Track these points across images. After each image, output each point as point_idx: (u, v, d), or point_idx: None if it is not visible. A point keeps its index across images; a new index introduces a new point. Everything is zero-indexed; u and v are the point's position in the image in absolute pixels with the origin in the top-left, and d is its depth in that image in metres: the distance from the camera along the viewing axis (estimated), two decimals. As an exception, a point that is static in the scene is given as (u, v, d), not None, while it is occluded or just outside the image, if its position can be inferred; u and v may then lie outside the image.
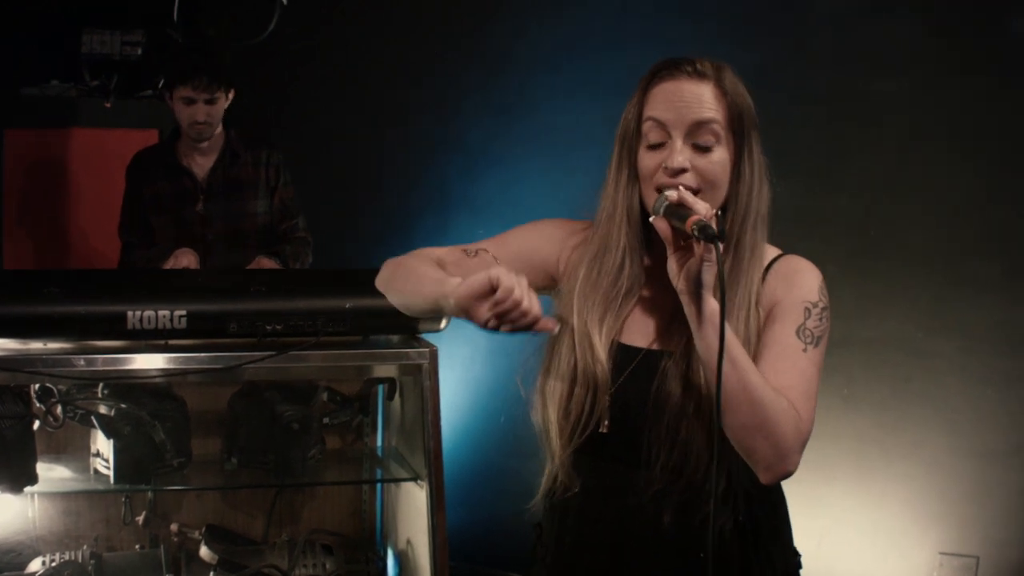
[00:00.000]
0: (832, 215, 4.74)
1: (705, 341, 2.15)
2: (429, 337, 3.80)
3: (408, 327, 3.71)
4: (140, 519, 3.94)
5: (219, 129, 4.82)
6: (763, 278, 2.32)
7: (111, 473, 3.66)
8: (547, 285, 2.54)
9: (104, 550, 3.92)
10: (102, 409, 3.64)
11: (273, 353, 3.46)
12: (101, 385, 3.65)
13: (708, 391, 2.23)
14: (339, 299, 3.58)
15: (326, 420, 4.00)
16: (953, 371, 4.71)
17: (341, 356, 3.66)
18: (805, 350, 2.25)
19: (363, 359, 3.74)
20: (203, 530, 3.95)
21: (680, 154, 2.24)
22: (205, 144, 4.80)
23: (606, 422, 2.34)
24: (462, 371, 5.30)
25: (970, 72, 4.63)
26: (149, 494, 3.91)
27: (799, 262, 2.37)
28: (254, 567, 3.81)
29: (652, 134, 2.29)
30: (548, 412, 2.47)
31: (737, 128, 2.28)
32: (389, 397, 4.10)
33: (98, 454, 3.74)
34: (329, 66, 5.72)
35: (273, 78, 5.66)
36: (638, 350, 2.36)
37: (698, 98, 2.25)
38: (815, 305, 2.29)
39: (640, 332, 2.38)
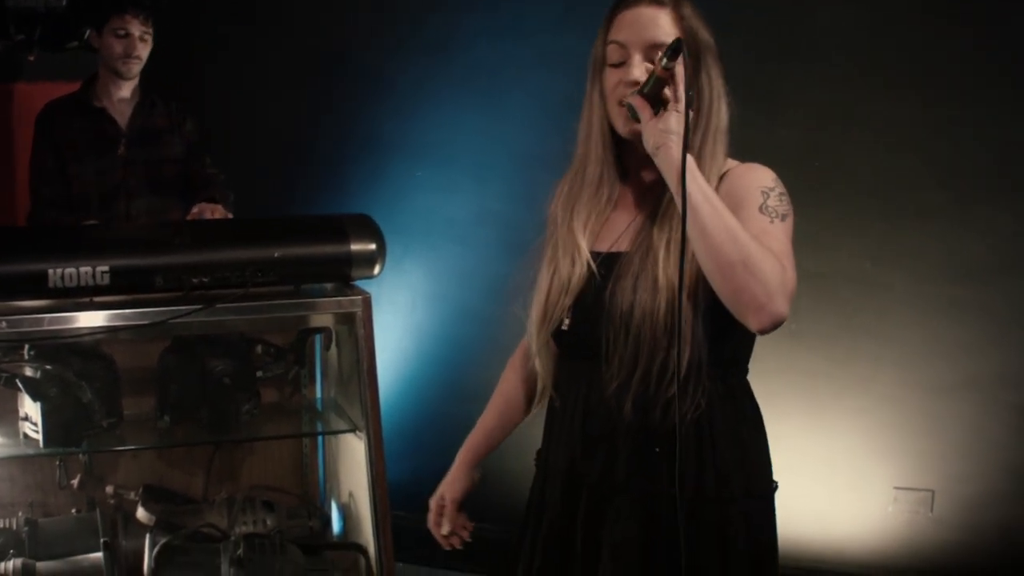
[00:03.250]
0: (777, 147, 4.64)
1: (682, 187, 2.25)
2: (365, 284, 3.71)
3: (341, 275, 3.62)
4: (75, 482, 3.87)
5: (137, 78, 4.85)
6: (719, 183, 2.44)
7: (40, 437, 3.55)
8: None
9: (40, 515, 3.84)
10: (28, 371, 3.55)
11: (201, 307, 3.36)
12: (26, 346, 3.55)
13: (663, 283, 2.39)
14: (268, 248, 3.47)
15: (260, 373, 3.91)
16: (904, 302, 4.70)
17: (272, 307, 3.54)
18: (772, 222, 2.35)
19: (295, 309, 3.63)
20: (140, 491, 3.87)
21: (637, 67, 2.41)
22: (126, 88, 4.82)
23: (567, 320, 2.54)
24: (405, 317, 5.25)
25: (919, 1, 4.58)
26: (83, 456, 3.83)
27: (752, 164, 2.51)
28: (193, 526, 3.72)
29: (614, 55, 2.46)
30: (534, 320, 2.67)
31: (693, 51, 2.41)
32: (326, 347, 4.04)
33: (26, 418, 3.64)
34: (256, 10, 5.63)
35: (199, 25, 5.56)
36: (598, 254, 2.53)
37: (654, 21, 2.42)
38: (772, 189, 2.41)
39: (605, 239, 2.56)
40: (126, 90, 4.83)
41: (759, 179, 2.43)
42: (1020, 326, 4.62)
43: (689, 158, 2.27)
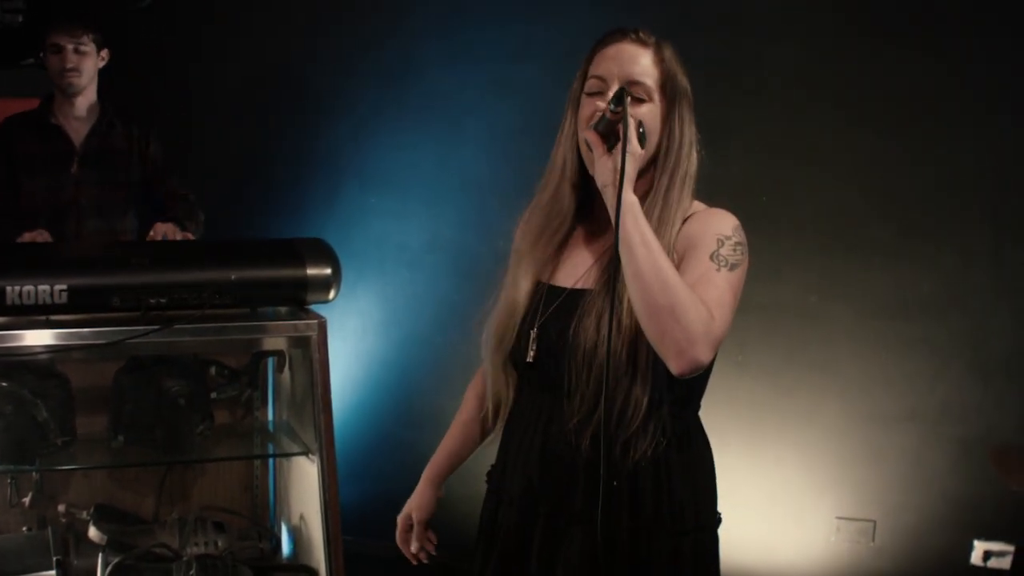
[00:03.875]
0: (726, 180, 4.69)
1: (624, 229, 2.33)
2: (319, 308, 3.74)
3: (296, 299, 3.64)
4: (27, 500, 3.85)
5: (94, 98, 4.86)
6: (683, 224, 2.51)
7: (-7, 454, 3.56)
8: None
9: (-11, 533, 3.82)
10: (-18, 388, 3.55)
11: (157, 328, 3.37)
12: (-19, 363, 3.55)
13: (626, 323, 2.42)
14: (224, 270, 3.49)
15: (214, 395, 3.92)
16: (847, 336, 4.76)
17: (228, 329, 3.57)
18: (719, 270, 2.41)
19: (251, 332, 3.67)
20: (91, 510, 3.86)
21: (609, 97, 2.43)
22: (82, 106, 4.83)
23: (532, 353, 2.57)
24: (355, 343, 5.27)
25: (857, 36, 4.66)
26: (35, 474, 3.82)
27: (717, 210, 2.57)
28: (144, 546, 3.73)
29: (592, 87, 2.52)
30: (489, 342, 2.71)
31: (670, 93, 2.51)
32: (279, 370, 4.05)
33: (-21, 434, 3.64)
34: (214, 32, 5.64)
35: (155, 45, 5.56)
36: (563, 290, 2.58)
37: (635, 58, 2.50)
38: (728, 238, 2.46)
39: (570, 275, 2.60)
40: (81, 109, 4.83)
41: (718, 226, 2.48)
42: (961, 360, 4.69)
43: (633, 199, 2.35)
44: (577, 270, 2.58)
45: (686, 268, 2.41)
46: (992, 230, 4.63)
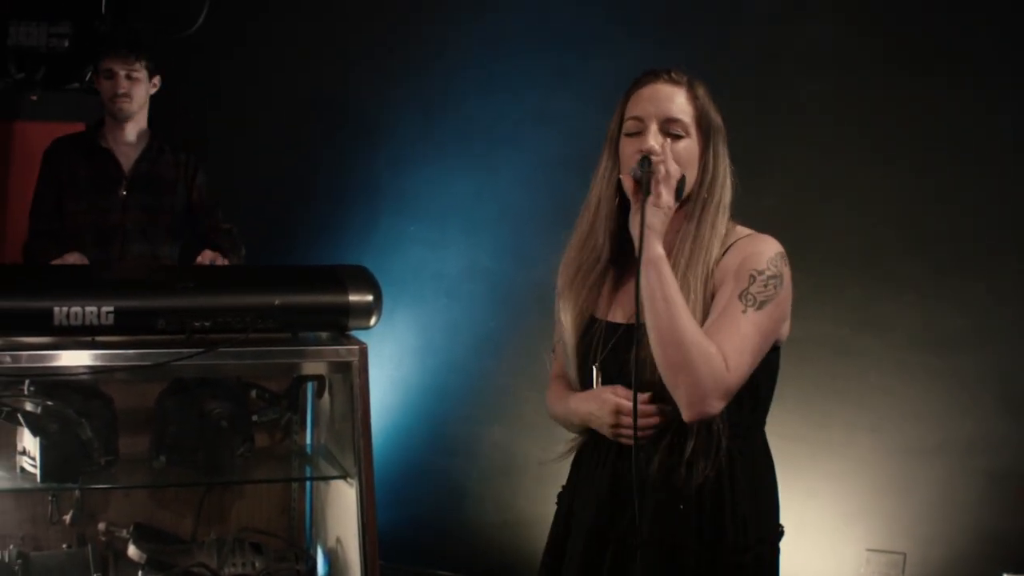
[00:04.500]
0: (759, 214, 4.73)
1: (646, 280, 2.45)
2: (359, 335, 3.78)
3: (338, 324, 3.69)
4: (67, 518, 3.89)
5: (144, 124, 4.89)
6: (724, 252, 2.61)
7: (38, 471, 3.60)
8: None
9: (31, 549, 3.87)
10: (28, 406, 3.58)
11: (201, 350, 3.42)
12: (27, 382, 3.58)
13: None
14: (268, 296, 3.55)
15: (255, 418, 3.96)
16: (879, 369, 4.75)
17: (270, 353, 3.63)
18: (745, 311, 2.50)
19: (292, 356, 3.72)
20: (131, 529, 3.90)
21: (652, 137, 2.57)
22: (131, 131, 4.85)
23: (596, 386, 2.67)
24: (391, 370, 5.28)
25: (895, 73, 4.67)
26: (76, 493, 3.85)
27: (759, 237, 2.68)
28: (183, 566, 3.77)
29: (631, 127, 2.61)
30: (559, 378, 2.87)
31: (704, 128, 2.63)
32: (318, 395, 4.08)
33: (24, 452, 3.67)
34: (258, 61, 5.68)
35: (201, 72, 5.62)
36: (619, 326, 2.67)
37: (671, 97, 2.61)
38: (761, 273, 2.55)
39: (623, 310, 2.69)
40: (131, 134, 4.85)
41: (755, 259, 2.57)
42: (990, 393, 4.67)
43: (658, 253, 2.46)
44: (632, 305, 2.57)
45: (716, 304, 2.54)
46: (1023, 265, 4.64)
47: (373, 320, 3.67)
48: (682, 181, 2.55)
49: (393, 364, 5.31)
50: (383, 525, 3.85)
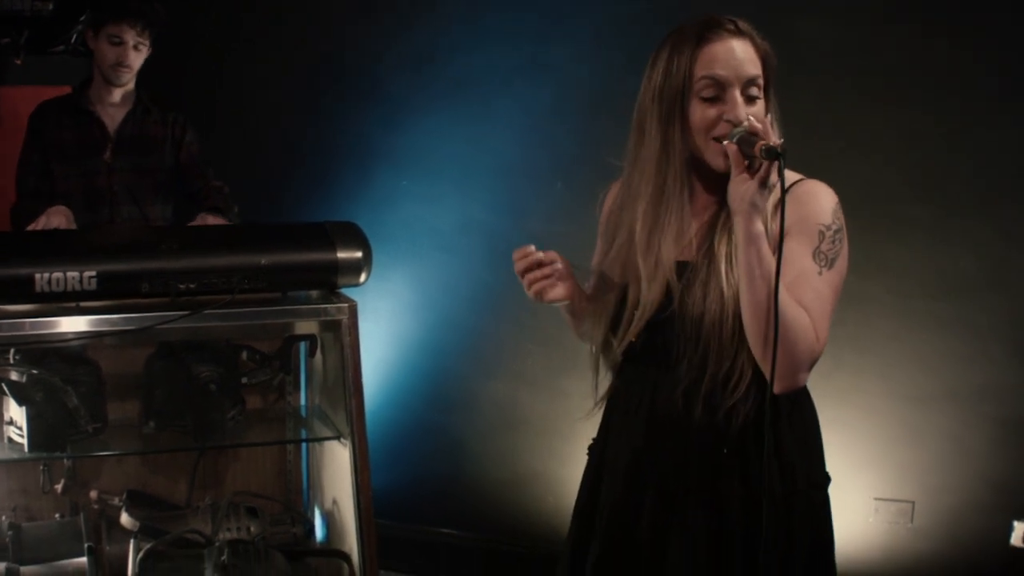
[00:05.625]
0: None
1: (746, 258, 2.41)
2: (349, 292, 3.73)
3: (327, 282, 3.63)
4: (59, 487, 3.88)
5: (132, 84, 4.81)
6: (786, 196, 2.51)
7: (25, 441, 3.58)
8: None
9: (23, 520, 3.86)
10: (13, 375, 3.58)
11: (187, 313, 3.37)
12: (12, 351, 3.55)
13: (728, 293, 2.50)
14: (255, 255, 3.50)
15: (245, 380, 3.93)
16: (886, 315, 4.71)
17: (259, 314, 3.57)
18: (820, 272, 2.49)
19: (281, 316, 3.67)
20: (124, 496, 3.89)
21: (741, 108, 2.50)
22: (118, 94, 4.78)
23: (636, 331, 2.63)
24: (388, 326, 5.24)
25: (896, 12, 4.60)
26: (67, 461, 3.84)
27: (814, 186, 2.62)
28: (177, 532, 3.73)
29: (707, 90, 2.52)
30: (598, 329, 2.73)
31: (768, 81, 2.61)
32: (310, 354, 4.04)
33: (11, 422, 3.65)
34: (247, 19, 5.62)
35: (186, 30, 5.54)
36: (684, 264, 2.61)
37: (747, 55, 2.54)
38: (828, 228, 2.53)
39: (673, 246, 2.61)
40: (118, 95, 4.79)
41: (820, 212, 2.54)
42: (1000, 339, 4.63)
43: (759, 230, 2.40)
44: (680, 240, 2.59)
45: (790, 264, 2.46)
46: (1035, 209, 4.58)
47: (363, 277, 3.62)
48: (783, 159, 2.41)
49: (389, 320, 5.27)
50: (383, 485, 3.82)
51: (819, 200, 2.56)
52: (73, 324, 3.39)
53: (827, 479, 2.74)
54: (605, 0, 4.79)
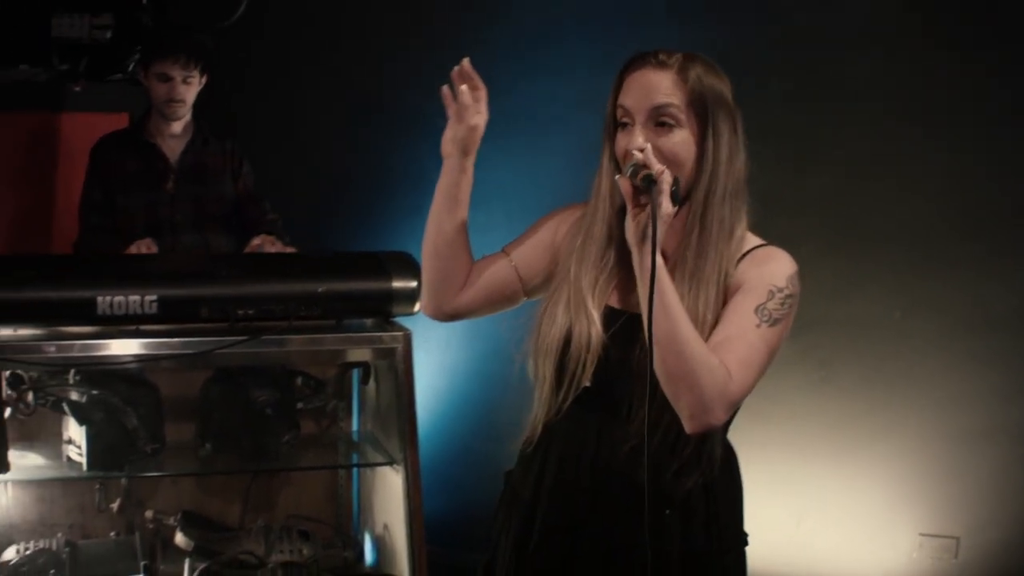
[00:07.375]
0: (809, 194, 4.71)
1: (644, 290, 2.27)
2: (403, 321, 3.78)
3: (382, 311, 3.69)
4: (115, 506, 3.92)
5: (189, 115, 4.83)
6: (738, 263, 2.44)
7: (84, 460, 3.64)
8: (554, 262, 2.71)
9: (79, 537, 3.90)
10: (73, 395, 3.62)
11: (245, 338, 3.43)
12: (72, 371, 3.61)
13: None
14: (312, 283, 3.56)
15: (300, 405, 3.98)
16: (931, 351, 4.71)
17: (314, 340, 3.64)
18: (759, 326, 2.37)
19: (337, 343, 3.72)
20: (178, 516, 3.92)
21: (637, 135, 2.41)
22: (177, 126, 4.79)
23: (590, 376, 2.47)
24: (438, 355, 5.27)
25: (948, 49, 4.62)
26: (123, 481, 3.88)
27: (776, 251, 2.48)
28: (230, 553, 3.78)
29: (622, 117, 2.47)
30: (544, 368, 2.61)
31: (699, 110, 2.42)
32: (364, 381, 4.08)
33: (70, 441, 3.71)
34: (299, 48, 5.67)
35: (242, 62, 5.61)
36: (622, 313, 2.50)
37: (657, 85, 2.43)
38: (780, 290, 2.41)
39: (625, 297, 2.51)
40: (177, 127, 4.80)
41: (774, 275, 2.42)
42: (1043, 377, 4.65)
43: (661, 262, 2.25)
44: (634, 292, 2.41)
45: (730, 312, 2.39)
46: (1077, 246, 4.59)
47: (416, 306, 3.66)
48: (676, 184, 2.31)
49: (440, 349, 5.29)
50: (432, 511, 3.85)
51: (777, 263, 2.45)
52: (133, 347, 3.45)
53: (746, 537, 2.66)
54: (657, 36, 4.83)
